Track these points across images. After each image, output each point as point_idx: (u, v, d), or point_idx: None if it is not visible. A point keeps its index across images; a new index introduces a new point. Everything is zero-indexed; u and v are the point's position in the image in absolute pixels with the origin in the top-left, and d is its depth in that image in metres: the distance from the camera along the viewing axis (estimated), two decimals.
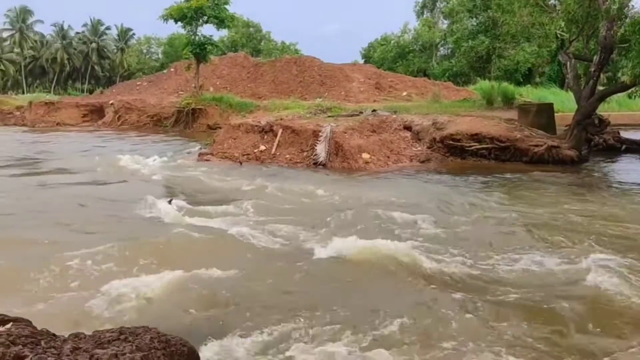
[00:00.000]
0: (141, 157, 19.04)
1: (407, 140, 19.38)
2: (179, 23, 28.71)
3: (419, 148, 18.92)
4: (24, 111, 35.51)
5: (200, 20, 28.87)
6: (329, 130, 18.05)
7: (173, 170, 16.59)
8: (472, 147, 17.52)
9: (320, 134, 18.18)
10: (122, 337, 2.91)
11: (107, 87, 55.79)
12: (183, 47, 30.46)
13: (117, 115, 32.74)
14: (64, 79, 79.00)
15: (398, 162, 17.65)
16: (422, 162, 17.76)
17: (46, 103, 35.50)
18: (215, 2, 28.11)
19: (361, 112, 22.42)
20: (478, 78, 31.83)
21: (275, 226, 9.39)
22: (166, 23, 28.69)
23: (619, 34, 15.97)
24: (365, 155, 17.32)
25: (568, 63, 17.60)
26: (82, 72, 79.00)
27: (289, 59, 39.12)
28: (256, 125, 20.11)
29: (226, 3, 28.78)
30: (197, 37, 29.00)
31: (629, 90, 16.22)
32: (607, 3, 15.41)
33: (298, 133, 18.92)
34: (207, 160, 18.92)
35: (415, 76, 42.36)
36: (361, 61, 61.20)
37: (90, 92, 64.33)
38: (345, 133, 18.14)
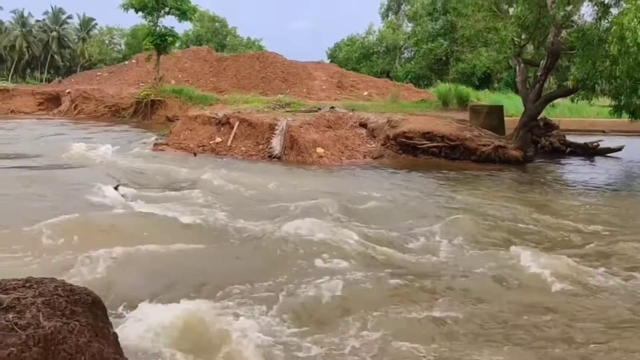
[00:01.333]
0: (94, 145, 18.84)
1: (362, 137, 19.73)
2: (140, 13, 28.43)
3: (373, 145, 19.29)
4: None
5: (162, 12, 28.65)
6: (285, 124, 18.24)
7: (125, 158, 16.50)
8: (424, 145, 17.98)
9: (276, 127, 18.35)
10: (27, 284, 3.04)
11: (66, 76, 54.53)
12: (143, 37, 30.15)
13: (74, 105, 32.13)
14: (22, 67, 76.81)
15: (352, 158, 17.97)
16: (375, 158, 18.12)
17: (1, 90, 34.59)
18: None
19: (319, 109, 22.67)
20: (439, 81, 32.53)
21: (213, 210, 9.60)
22: (126, 12, 28.40)
23: (567, 40, 16.66)
24: (320, 150, 17.58)
25: (517, 67, 18.26)
26: (41, 61, 76.96)
27: (252, 54, 39.12)
28: (213, 118, 20.13)
29: None
30: (158, 28, 28.78)
31: (572, 95, 16.93)
32: (554, 10, 16.05)
33: (254, 126, 19.04)
34: (161, 150, 18.87)
35: (379, 77, 42.93)
36: (327, 61, 61.59)
37: (49, 81, 62.80)
38: (301, 127, 18.36)
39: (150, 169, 14.63)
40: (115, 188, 11.26)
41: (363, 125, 20.30)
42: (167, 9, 28.41)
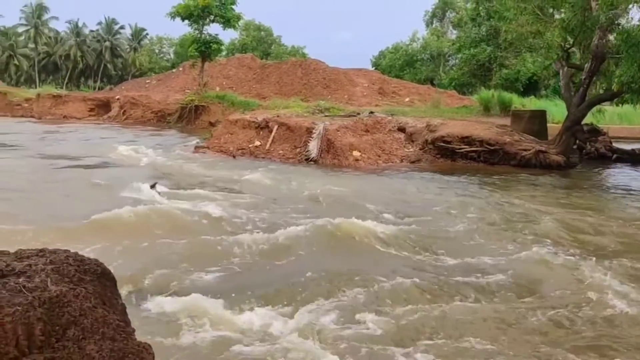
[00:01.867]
0: (139, 148, 19.44)
1: (400, 141, 19.63)
2: (186, 21, 29.24)
3: (412, 149, 19.17)
4: (32, 103, 36.19)
5: (207, 19, 29.37)
6: (322, 127, 18.37)
7: (166, 160, 16.95)
8: (462, 150, 17.74)
9: (313, 131, 18.49)
10: (40, 254, 3.19)
11: (117, 85, 56.44)
12: (189, 45, 30.96)
13: (122, 110, 33.30)
14: (76, 76, 79.98)
15: (388, 162, 17.91)
16: (413, 162, 18.00)
17: (54, 96, 36.17)
18: (222, 1, 28.61)
19: (358, 114, 22.69)
20: (482, 88, 32.05)
21: (244, 207, 9.77)
22: (173, 20, 29.24)
23: (613, 43, 16.18)
24: (356, 153, 17.60)
25: (561, 71, 17.82)
26: (94, 69, 79.90)
27: (295, 61, 39.54)
28: (253, 121, 20.47)
29: (232, 3, 29.29)
30: (202, 36, 29.52)
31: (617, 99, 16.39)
32: (597, 13, 15.62)
33: (293, 130, 19.24)
34: (202, 152, 19.31)
35: (422, 84, 42.62)
36: (371, 68, 61.63)
37: (101, 89, 65.15)
38: (338, 131, 18.44)
39: (187, 169, 15.00)
40: (152, 187, 11.59)
41: (401, 129, 20.19)
42: (212, 17, 29.10)
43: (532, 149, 16.62)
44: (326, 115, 22.07)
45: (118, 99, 34.70)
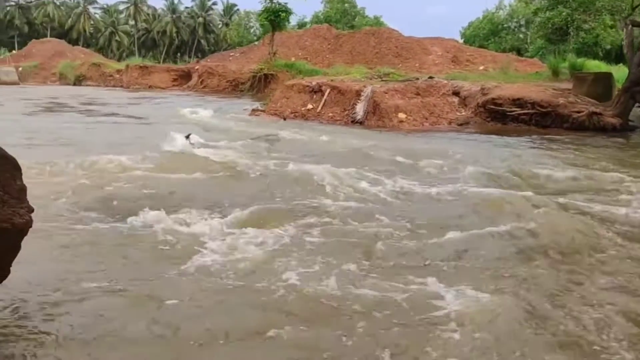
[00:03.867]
0: (200, 110, 20.60)
1: (452, 105, 19.30)
2: None
3: (464, 113, 18.80)
4: (121, 74, 38.91)
5: None
6: (370, 90, 18.49)
7: (217, 120, 17.89)
8: (513, 112, 17.17)
9: (362, 94, 18.66)
10: None
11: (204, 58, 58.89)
12: (260, 14, 31.85)
13: (200, 80, 34.98)
14: (173, 51, 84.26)
15: (435, 124, 17.75)
16: (460, 124, 17.71)
17: (141, 67, 38.63)
18: None
19: (417, 79, 22.45)
20: (557, 53, 30.33)
21: (260, 154, 10.32)
22: None
23: None
24: (401, 115, 17.59)
25: (625, 30, 16.66)
26: (189, 45, 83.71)
27: (368, 30, 39.34)
28: (307, 86, 20.94)
29: None
30: (272, 5, 30.22)
31: None
32: None
33: (343, 93, 19.50)
34: (256, 115, 20.09)
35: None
36: (460, 41, 59.72)
37: None
38: (386, 93, 18.48)
39: (232, 127, 15.81)
40: (187, 137, 12.46)
41: (456, 93, 19.81)
42: None
43: (585, 110, 15.77)
44: (383, 80, 22.05)
45: (197, 69, 36.46)
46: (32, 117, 18.72)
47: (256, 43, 50.23)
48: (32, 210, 4.03)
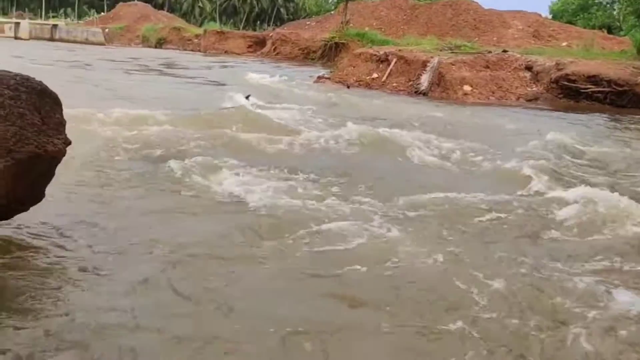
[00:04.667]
0: (267, 75, 20.94)
1: (524, 79, 18.58)
2: None
3: (535, 89, 18.08)
4: (200, 38, 40.01)
5: None
6: (437, 61, 18.11)
7: (283, 85, 18.14)
8: (588, 89, 16.35)
9: (427, 64, 18.31)
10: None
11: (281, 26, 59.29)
12: None
13: (274, 47, 35.37)
14: (252, 19, 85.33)
15: (502, 99, 17.21)
16: (529, 100, 17.08)
17: (218, 32, 39.57)
18: None
19: (489, 52, 21.70)
20: None
21: (316, 119, 10.49)
22: None
23: None
24: (467, 88, 17.16)
25: None
26: (268, 13, 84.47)
27: (446, 2, 38.10)
28: (374, 55, 20.78)
29: None
30: None
31: None
32: None
33: (410, 63, 19.22)
34: (321, 82, 20.19)
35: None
36: (549, 17, 56.70)
37: None
38: (453, 65, 18.05)
39: (294, 91, 16.01)
40: (246, 97, 12.81)
41: (528, 68, 19.02)
42: None
43: None
44: (453, 52, 21.47)
45: (271, 36, 36.87)
46: (111, 74, 19.78)
47: (332, 12, 49.97)
48: (69, 143, 4.40)
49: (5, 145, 3.68)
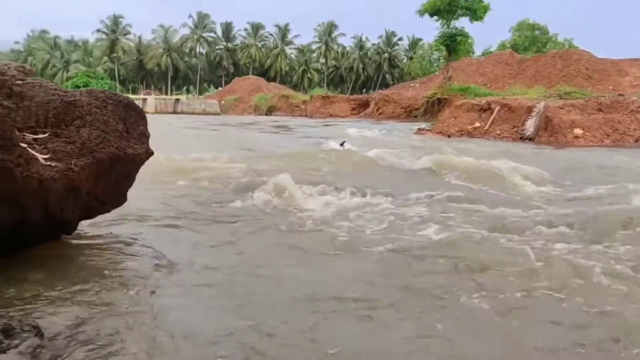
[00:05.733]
0: (366, 130, 21.24)
1: None
2: (435, 17, 30.13)
3: None
4: (306, 104, 41.72)
5: (455, 14, 29.75)
6: (543, 105, 17.36)
7: (380, 136, 18.26)
8: None
9: (533, 109, 17.60)
10: (88, 92, 4.62)
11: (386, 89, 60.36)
12: (436, 40, 31.90)
13: (377, 107, 35.91)
14: (359, 86, 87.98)
15: (618, 142, 15.98)
16: None
17: (323, 97, 41.09)
18: None
19: (603, 97, 20.46)
20: None
21: (399, 157, 10.38)
22: (422, 17, 30.42)
23: None
24: (577, 131, 16.17)
25: None
26: (374, 80, 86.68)
27: (555, 52, 36.95)
28: (476, 104, 20.41)
29: None
30: (448, 30, 30.02)
31: None
32: None
33: (514, 110, 18.63)
34: (421, 134, 20.05)
35: None
36: None
37: None
38: (561, 109, 17.19)
39: (389, 140, 16.03)
40: (341, 144, 13.01)
41: None
42: (458, 11, 29.40)
43: None
44: (561, 98, 20.51)
45: (374, 97, 37.56)
46: (227, 130, 21.22)
47: (435, 73, 50.22)
48: (151, 153, 4.65)
49: (89, 146, 3.96)
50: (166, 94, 65.96)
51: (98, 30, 74.10)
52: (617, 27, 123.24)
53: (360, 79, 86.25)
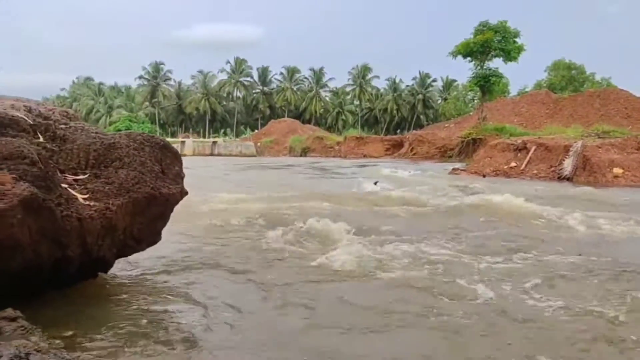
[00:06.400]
0: (400, 170, 21.21)
1: None
2: (468, 58, 30.31)
3: None
4: (340, 145, 42.07)
5: (490, 55, 29.88)
6: (580, 144, 17.09)
7: (413, 177, 18.18)
8: None
9: (570, 149, 17.33)
10: (127, 134, 4.81)
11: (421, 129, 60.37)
12: (469, 81, 32.01)
13: (411, 147, 35.95)
14: (393, 127, 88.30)
15: None
16: None
17: (357, 138, 41.43)
18: (503, 34, 28.83)
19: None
20: None
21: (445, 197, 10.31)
22: (455, 59, 30.65)
23: None
24: (617, 170, 15.82)
25: None
26: (408, 121, 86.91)
27: (592, 92, 36.51)
28: (511, 144, 20.24)
29: (515, 36, 29.18)
30: (482, 70, 30.09)
31: None
32: None
33: (550, 149, 18.39)
34: (456, 174, 19.90)
35: None
36: None
37: None
38: (599, 148, 16.90)
39: (423, 180, 15.92)
40: (375, 183, 13.10)
41: None
42: (492, 52, 29.53)
43: None
44: (600, 137, 20.16)
45: (408, 137, 37.64)
46: (262, 171, 21.57)
47: (470, 113, 50.14)
48: (185, 193, 4.79)
49: (126, 186, 4.11)
50: (204, 136, 67.51)
51: (140, 77, 77.11)
52: None
53: (395, 119, 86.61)
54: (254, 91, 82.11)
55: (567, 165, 16.78)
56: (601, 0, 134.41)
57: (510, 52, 29.13)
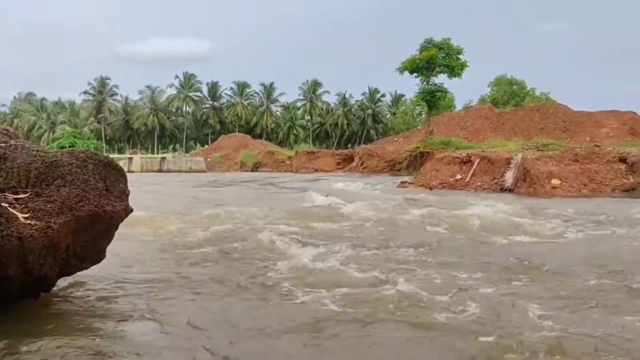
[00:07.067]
0: (350, 183, 21.49)
1: (618, 172, 17.68)
2: (414, 74, 31.11)
3: (632, 180, 17.08)
4: (292, 160, 42.19)
5: (434, 71, 30.76)
6: (520, 157, 17.80)
7: (363, 190, 18.48)
8: None
9: (511, 161, 18.03)
10: (69, 152, 4.77)
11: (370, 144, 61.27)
12: (416, 95, 32.90)
13: (361, 161, 36.43)
14: (343, 141, 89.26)
15: (595, 191, 16.34)
16: (626, 191, 16.07)
17: (308, 152, 41.69)
18: (447, 52, 29.77)
19: (579, 148, 21.05)
20: None
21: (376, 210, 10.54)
22: (402, 75, 31.41)
23: None
24: (555, 181, 16.55)
25: None
26: (358, 135, 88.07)
27: (532, 107, 38.12)
28: (457, 157, 20.85)
29: (459, 53, 30.17)
30: (428, 86, 30.94)
31: None
32: None
33: (493, 162, 19.04)
34: (404, 187, 20.34)
35: None
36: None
37: None
38: (538, 160, 17.66)
39: (372, 194, 16.23)
40: (326, 196, 13.27)
41: (622, 160, 18.15)
42: (437, 68, 30.42)
43: None
44: (539, 150, 21.04)
45: (358, 152, 38.16)
46: (210, 188, 21.31)
47: (418, 128, 51.30)
48: (130, 210, 4.78)
49: (69, 204, 4.08)
50: (153, 152, 66.37)
51: (85, 92, 75.20)
52: (592, 80, 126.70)
53: (345, 134, 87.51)
54: (203, 106, 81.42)
55: (509, 177, 17.45)
56: (540, 19, 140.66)
57: (454, 69, 30.07)
